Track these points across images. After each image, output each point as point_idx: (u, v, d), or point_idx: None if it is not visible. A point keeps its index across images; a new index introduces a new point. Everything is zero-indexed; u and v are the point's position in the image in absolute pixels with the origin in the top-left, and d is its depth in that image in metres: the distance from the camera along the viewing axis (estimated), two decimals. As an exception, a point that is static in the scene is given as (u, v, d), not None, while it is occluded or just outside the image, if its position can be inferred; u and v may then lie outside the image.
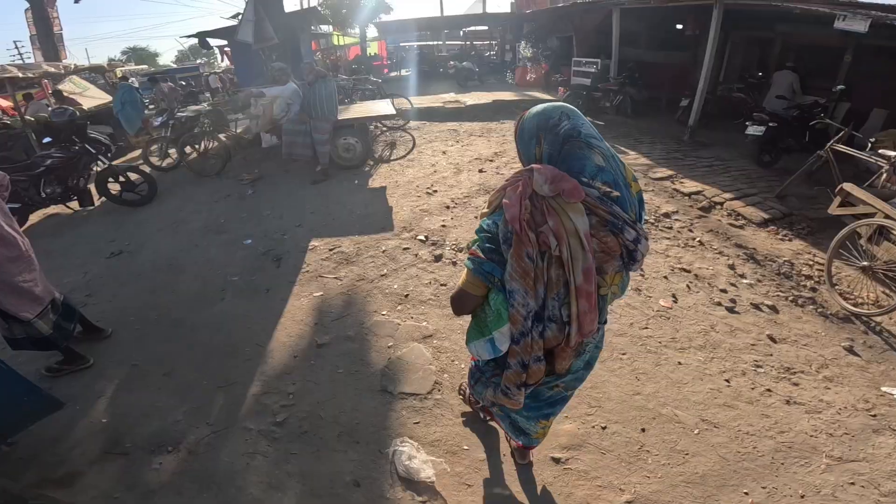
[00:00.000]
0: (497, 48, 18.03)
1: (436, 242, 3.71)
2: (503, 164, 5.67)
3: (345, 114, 5.72)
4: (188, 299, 3.25)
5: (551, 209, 1.06)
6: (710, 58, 7.22)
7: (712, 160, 6.10)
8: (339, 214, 4.38)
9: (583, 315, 1.12)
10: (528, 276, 1.09)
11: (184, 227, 4.50)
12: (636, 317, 2.78)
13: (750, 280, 3.17)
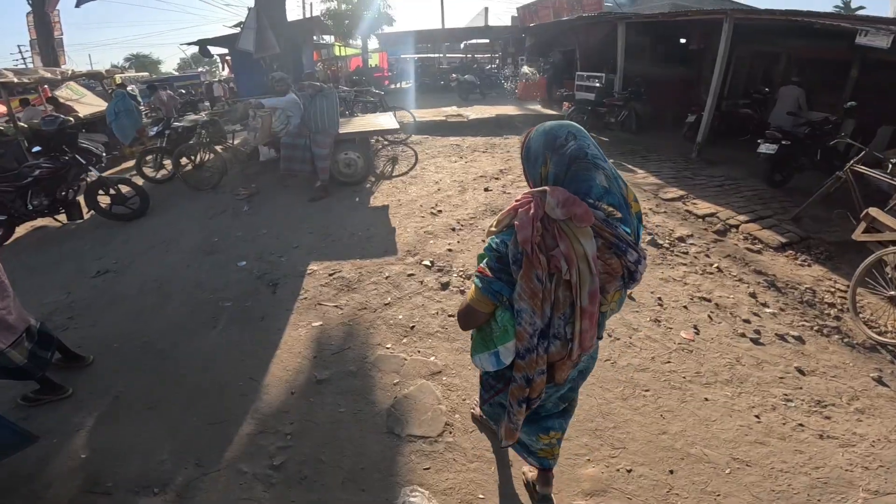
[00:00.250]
0: (498, 61, 18.22)
1: (442, 269, 3.56)
2: (509, 182, 5.57)
3: (346, 127, 5.60)
4: (177, 326, 3.08)
5: (562, 233, 1.08)
6: (719, 73, 7.21)
7: (723, 179, 6.03)
8: (340, 235, 4.23)
9: (584, 333, 1.18)
10: (536, 296, 1.13)
11: (175, 245, 4.34)
12: (657, 350, 2.67)
13: (773, 309, 3.09)
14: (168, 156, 6.29)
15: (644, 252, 1.17)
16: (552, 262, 1.10)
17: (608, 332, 2.72)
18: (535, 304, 1.14)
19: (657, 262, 3.69)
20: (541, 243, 1.10)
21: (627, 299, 2.96)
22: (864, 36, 4.92)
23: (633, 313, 3.02)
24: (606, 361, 2.58)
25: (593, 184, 1.13)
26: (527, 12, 15.34)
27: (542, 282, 1.11)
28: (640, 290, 3.24)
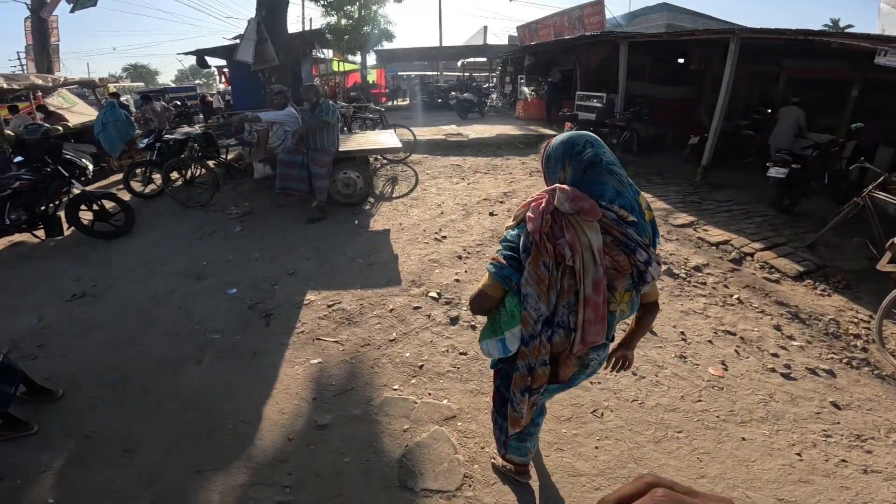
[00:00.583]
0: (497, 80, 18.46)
1: (450, 301, 3.39)
2: (514, 206, 5.45)
3: (346, 145, 5.46)
4: (159, 359, 2.86)
5: (569, 224, 1.19)
6: (725, 94, 7.19)
7: (730, 204, 6.01)
8: (339, 262, 4.05)
9: (588, 324, 1.22)
10: (542, 282, 1.22)
11: (160, 267, 4.13)
12: (686, 389, 2.58)
13: (799, 342, 3.04)
14: (158, 170, 6.11)
15: (658, 257, 1.25)
16: (557, 249, 1.20)
17: (633, 371, 2.64)
18: (540, 289, 1.23)
19: (675, 293, 3.62)
20: (549, 233, 1.21)
21: (649, 334, 2.90)
22: (883, 56, 4.77)
23: (656, 349, 2.91)
24: (634, 402, 2.48)
25: (606, 187, 1.24)
26: (526, 31, 15.62)
27: (548, 269, 1.22)
28: (661, 324, 3.14)
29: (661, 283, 3.70)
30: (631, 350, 1.59)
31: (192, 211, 5.55)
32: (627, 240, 1.20)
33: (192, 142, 5.83)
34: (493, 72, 19.44)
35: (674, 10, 19.86)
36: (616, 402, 2.48)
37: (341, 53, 17.58)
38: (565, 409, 2.44)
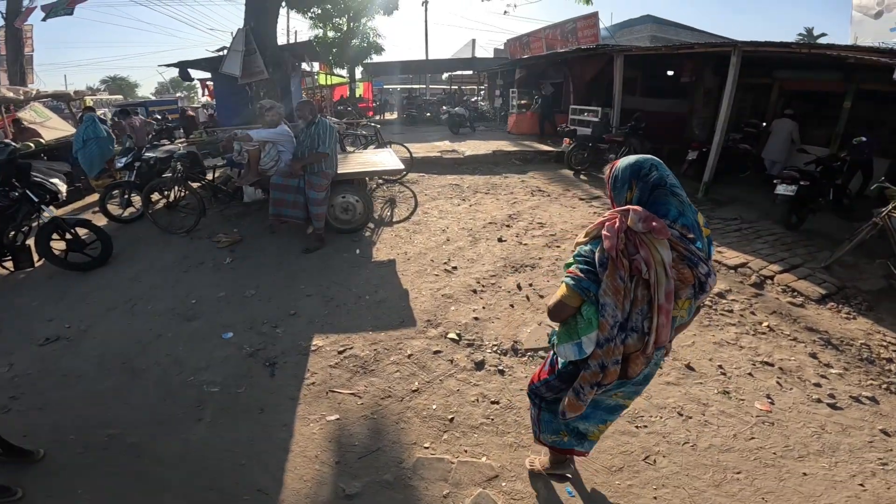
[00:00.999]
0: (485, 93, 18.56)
1: (472, 343, 3.20)
2: (522, 230, 5.33)
3: (343, 166, 5.20)
4: (151, 415, 2.60)
5: (643, 243, 1.35)
6: (727, 107, 7.17)
7: (739, 223, 6.01)
8: (344, 299, 3.80)
9: (661, 328, 1.40)
10: (619, 293, 1.38)
11: (143, 306, 3.83)
12: (737, 426, 2.52)
13: (837, 369, 3.04)
14: (137, 191, 5.81)
15: (714, 268, 1.42)
16: (633, 265, 1.36)
17: (679, 412, 2.57)
18: (617, 299, 1.39)
19: (704, 323, 3.54)
20: (623, 250, 1.37)
21: (687, 369, 2.89)
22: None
23: (697, 385, 2.83)
24: (685, 444, 2.39)
25: (671, 207, 1.40)
26: (517, 44, 15.76)
27: (623, 281, 1.38)
28: (697, 359, 3.08)
29: None
30: None
31: (176, 238, 5.25)
32: (691, 255, 1.38)
33: (176, 161, 5.53)
34: (480, 84, 19.57)
35: (658, 21, 20.38)
36: (667, 446, 2.39)
37: (327, 66, 17.46)
38: (615, 458, 2.31)
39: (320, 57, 14.63)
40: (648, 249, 1.34)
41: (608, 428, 1.93)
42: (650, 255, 1.34)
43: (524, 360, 3.07)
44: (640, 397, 2.55)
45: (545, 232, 5.32)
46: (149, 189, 5.51)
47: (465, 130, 13.08)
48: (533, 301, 3.77)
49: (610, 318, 1.41)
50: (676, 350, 3.15)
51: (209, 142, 7.06)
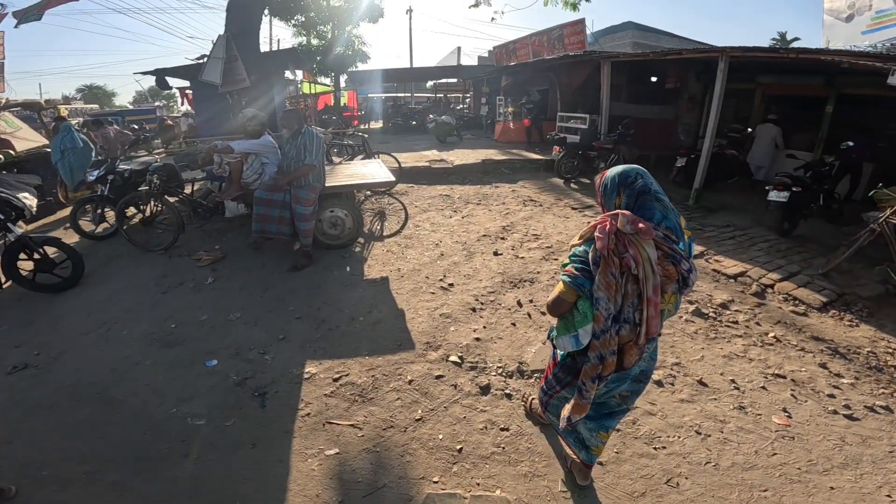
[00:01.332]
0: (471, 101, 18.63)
1: (475, 365, 3.09)
2: (517, 242, 5.28)
3: (331, 179, 5.05)
4: (131, 452, 2.43)
5: (631, 242, 1.53)
6: (716, 113, 7.24)
7: (732, 230, 6.08)
8: (337, 321, 3.65)
9: (651, 318, 1.57)
10: (611, 287, 1.56)
11: (118, 331, 3.63)
12: (757, 442, 2.53)
13: (848, 379, 3.09)
14: (111, 206, 5.58)
15: (695, 266, 1.63)
16: (623, 262, 1.54)
17: (697, 430, 2.56)
18: (610, 293, 1.57)
19: (710, 335, 3.55)
20: (614, 249, 1.55)
21: (699, 385, 2.91)
22: (894, 76, 4.75)
23: (711, 402, 2.81)
24: (707, 464, 2.37)
25: (655, 211, 1.61)
26: (503, 51, 15.85)
27: (615, 277, 1.56)
28: (708, 374, 3.07)
29: (693, 325, 3.66)
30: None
31: (153, 255, 5.04)
32: (674, 253, 1.58)
33: (152, 175, 5.31)
34: (466, 92, 19.63)
35: (640, 28, 20.85)
36: (688, 467, 2.35)
37: (311, 75, 17.31)
38: (636, 482, 2.25)
39: (304, 65, 14.52)
40: (636, 248, 1.54)
41: (609, 438, 2.08)
42: (638, 254, 1.53)
43: (531, 381, 2.98)
44: (655, 417, 2.50)
45: (541, 244, 5.27)
46: (123, 204, 5.29)
47: (453, 139, 13.07)
48: (535, 318, 3.69)
49: (604, 310, 1.60)
50: (686, 366, 3.13)
51: (188, 153, 6.85)
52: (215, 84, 6.85)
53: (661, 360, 3.18)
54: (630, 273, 1.55)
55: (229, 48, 6.66)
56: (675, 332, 3.58)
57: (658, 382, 2.97)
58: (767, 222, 6.23)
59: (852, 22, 15.96)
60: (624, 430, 2.56)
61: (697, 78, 11.12)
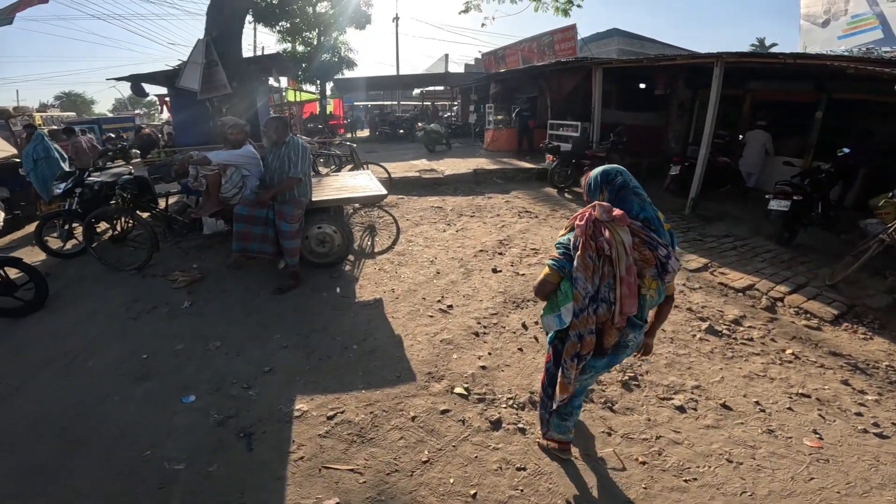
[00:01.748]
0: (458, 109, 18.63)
1: (483, 397, 2.90)
2: (516, 258, 5.13)
3: (319, 192, 4.82)
4: (101, 499, 2.21)
5: (606, 228, 1.80)
6: (712, 120, 7.23)
7: (732, 240, 6.07)
8: (328, 349, 3.42)
9: (624, 297, 1.78)
10: (588, 269, 1.82)
11: (84, 361, 3.35)
12: (792, 467, 2.47)
13: (872, 395, 3.07)
14: (79, 221, 5.27)
15: (675, 253, 1.86)
16: (598, 245, 1.78)
17: (728, 458, 2.49)
18: (587, 274, 1.81)
19: (727, 355, 3.48)
20: (591, 235, 1.80)
21: (723, 409, 2.86)
22: None
23: (738, 426, 2.73)
24: (743, 494, 2.29)
25: (633, 204, 1.86)
26: (493, 58, 15.91)
27: (592, 259, 1.80)
28: (731, 396, 3.01)
29: (708, 343, 3.60)
30: (652, 338, 2.20)
31: (125, 276, 4.76)
32: (651, 240, 1.79)
33: (121, 189, 5.00)
34: (454, 100, 19.63)
35: (626, 35, 21.26)
36: (724, 499, 2.27)
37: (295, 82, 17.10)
38: None
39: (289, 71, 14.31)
40: (611, 233, 1.78)
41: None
42: (612, 237, 1.77)
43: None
44: (681, 446, 2.45)
45: (541, 259, 5.14)
46: (92, 219, 5.00)
47: (442, 148, 12.99)
48: (542, 342, 3.53)
49: (582, 290, 1.84)
50: (707, 388, 3.06)
51: (161, 164, 6.57)
52: (194, 90, 6.61)
53: (680, 384, 3.09)
54: (606, 256, 1.78)
55: (209, 52, 6.44)
56: (691, 353, 3.48)
57: (680, 408, 2.87)
58: (767, 232, 6.25)
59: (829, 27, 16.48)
60: (650, 462, 2.44)
61: (686, 84, 11.22)
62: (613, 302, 1.80)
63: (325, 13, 14.81)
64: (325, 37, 14.92)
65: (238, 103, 6.87)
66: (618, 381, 3.10)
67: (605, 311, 1.83)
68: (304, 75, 15.37)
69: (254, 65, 8.15)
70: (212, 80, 6.57)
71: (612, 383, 3.09)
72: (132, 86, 8.18)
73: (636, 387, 3.07)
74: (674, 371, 3.26)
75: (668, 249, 1.81)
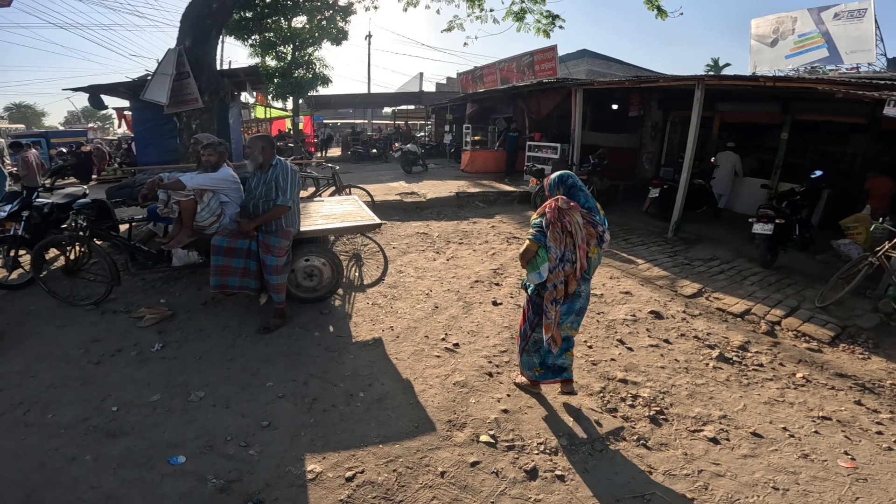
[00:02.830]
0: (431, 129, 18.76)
1: (512, 444, 2.76)
2: (515, 289, 5.09)
3: (305, 220, 4.57)
4: None
5: (567, 213, 2.71)
6: (693, 142, 7.48)
7: (719, 263, 6.33)
8: (331, 399, 3.18)
9: (581, 259, 2.74)
10: (557, 240, 2.72)
11: (41, 414, 2.99)
12: (835, 489, 2.56)
13: (885, 413, 3.24)
14: (27, 248, 4.79)
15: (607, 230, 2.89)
16: (563, 224, 2.70)
17: (773, 486, 2.56)
18: (557, 244, 2.72)
19: (743, 382, 3.58)
20: (558, 217, 2.71)
21: (754, 437, 2.96)
22: (893, 106, 4.84)
23: (774, 454, 2.81)
24: None
25: (580, 198, 2.83)
26: (469, 78, 16.15)
27: (559, 234, 2.71)
28: (759, 424, 3.10)
29: (722, 371, 3.71)
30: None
31: (81, 311, 4.37)
32: (593, 221, 2.78)
33: (77, 215, 4.59)
34: (427, 120, 19.78)
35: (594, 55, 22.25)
36: None
37: (264, 98, 16.75)
38: None
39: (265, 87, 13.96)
40: (570, 217, 2.70)
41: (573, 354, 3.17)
42: (571, 219, 2.70)
43: (583, 454, 2.74)
44: (725, 478, 2.48)
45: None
46: (41, 247, 4.59)
47: (418, 169, 12.98)
48: (559, 381, 3.48)
49: (554, 254, 2.73)
50: (733, 418, 3.14)
51: (122, 186, 6.14)
52: (161, 104, 6.30)
53: (706, 414, 3.16)
54: (568, 231, 2.71)
55: (180, 63, 6.17)
56: (709, 382, 3.54)
57: (713, 440, 2.89)
58: (749, 254, 6.58)
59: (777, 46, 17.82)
60: (698, 497, 2.46)
61: (659, 106, 11.67)
62: (575, 262, 2.74)
63: (300, 28, 14.68)
64: (299, 52, 14.73)
65: (209, 119, 6.60)
66: (646, 417, 3.09)
67: (570, 268, 2.75)
68: (277, 91, 15.07)
69: (227, 78, 7.89)
70: (181, 92, 6.30)
71: (640, 419, 3.07)
72: (90, 97, 7.76)
73: (664, 421, 3.07)
74: (697, 402, 3.28)
75: (604, 227, 2.85)
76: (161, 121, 6.76)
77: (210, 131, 6.35)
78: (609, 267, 6.02)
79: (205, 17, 6.32)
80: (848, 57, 14.90)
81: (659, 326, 4.42)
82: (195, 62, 6.31)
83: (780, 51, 17.05)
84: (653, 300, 4.99)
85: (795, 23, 16.52)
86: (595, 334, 4.23)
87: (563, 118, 11.29)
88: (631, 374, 3.60)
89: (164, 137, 7.03)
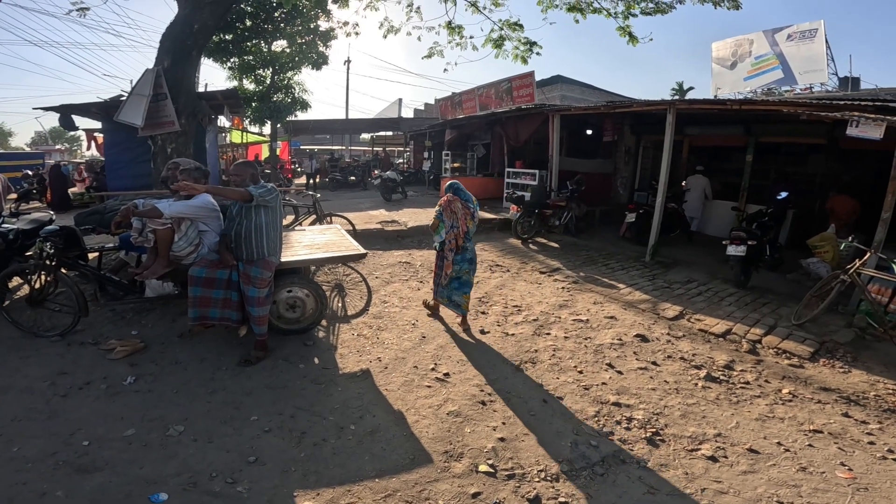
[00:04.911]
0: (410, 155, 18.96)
1: (513, 473, 2.71)
2: (501, 317, 5.13)
3: (287, 250, 4.52)
4: None
5: (452, 203, 4.67)
6: (666, 167, 7.74)
7: (697, 285, 6.55)
8: (320, 432, 3.07)
9: (461, 226, 4.65)
10: (449, 217, 4.65)
11: (5, 447, 2.79)
12: (838, 500, 2.61)
13: (873, 424, 3.36)
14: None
15: (477, 210, 4.81)
16: (451, 209, 4.64)
17: (778, 500, 2.61)
18: (450, 218, 4.63)
19: (733, 399, 3.67)
20: (449, 205, 4.65)
21: (751, 453, 3.02)
22: (855, 127, 4.95)
23: (773, 469, 2.86)
24: None
25: (463, 195, 4.75)
26: (448, 104, 16.46)
27: (451, 214, 4.64)
28: (753, 440, 3.16)
29: (711, 391, 3.80)
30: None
31: (46, 343, 4.16)
32: (470, 206, 4.70)
33: (44, 242, 4.40)
34: (406, 146, 20.01)
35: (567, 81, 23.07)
36: None
37: (241, 122, 16.61)
38: None
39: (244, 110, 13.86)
40: (456, 202, 4.61)
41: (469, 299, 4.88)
42: (457, 205, 4.60)
43: (584, 479, 2.72)
44: (728, 495, 2.53)
45: (526, 317, 5.19)
46: (4, 276, 4.38)
47: (398, 196, 13.01)
48: (553, 406, 3.47)
49: (448, 224, 4.58)
50: (728, 435, 3.20)
51: (92, 212, 5.96)
52: (135, 126, 6.18)
53: (701, 433, 3.20)
54: (453, 212, 4.54)
55: (158, 84, 6.09)
56: (700, 402, 3.61)
57: (711, 458, 2.93)
58: (723, 275, 6.85)
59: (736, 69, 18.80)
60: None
61: (632, 130, 12.11)
62: (457, 227, 4.53)
63: (280, 52, 14.76)
64: (279, 76, 14.77)
65: (185, 142, 6.50)
66: (642, 438, 3.11)
67: (457, 232, 4.54)
68: (255, 115, 14.99)
69: (206, 101, 7.82)
70: (158, 114, 6.19)
71: (637, 441, 3.09)
72: (61, 117, 7.56)
73: (661, 441, 3.09)
74: (691, 422, 3.33)
75: (475, 210, 4.68)
76: (134, 144, 6.61)
77: (186, 155, 6.25)
78: (592, 293, 6.12)
79: (186, 37, 6.21)
80: (801, 77, 15.59)
81: (645, 349, 4.49)
82: (174, 83, 6.21)
83: (739, 73, 18.01)
84: (637, 324, 5.08)
85: (752, 45, 17.32)
86: (584, 359, 4.26)
87: (541, 144, 11.59)
88: (623, 396, 3.63)
89: (136, 161, 6.86)
